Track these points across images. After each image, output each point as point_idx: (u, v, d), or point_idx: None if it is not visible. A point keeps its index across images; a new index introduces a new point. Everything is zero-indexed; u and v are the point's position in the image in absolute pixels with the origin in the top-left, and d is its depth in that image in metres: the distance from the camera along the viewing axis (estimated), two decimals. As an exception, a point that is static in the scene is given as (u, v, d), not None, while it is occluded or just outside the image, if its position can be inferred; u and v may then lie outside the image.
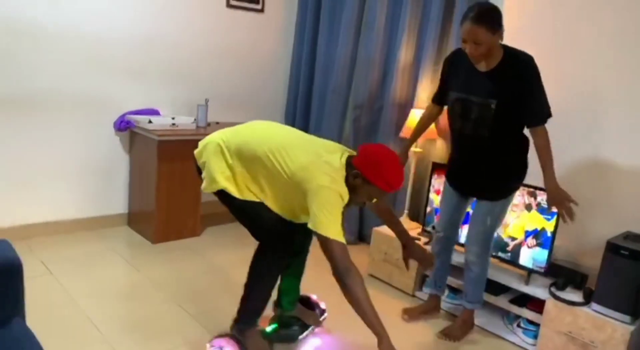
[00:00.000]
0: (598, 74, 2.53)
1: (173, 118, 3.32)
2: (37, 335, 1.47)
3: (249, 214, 1.97)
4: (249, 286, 2.03)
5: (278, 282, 2.13)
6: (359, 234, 3.64)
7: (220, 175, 1.92)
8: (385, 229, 3.06)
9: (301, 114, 3.97)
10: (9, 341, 1.41)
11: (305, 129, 3.94)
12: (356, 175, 1.79)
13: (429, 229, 2.89)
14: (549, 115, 2.09)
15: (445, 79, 2.34)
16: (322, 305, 2.41)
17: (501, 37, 2.05)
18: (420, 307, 2.67)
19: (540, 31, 2.74)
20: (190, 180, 3.26)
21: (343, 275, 1.73)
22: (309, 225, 1.77)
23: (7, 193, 2.98)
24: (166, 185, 3.19)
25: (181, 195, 3.27)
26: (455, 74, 2.25)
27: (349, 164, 1.82)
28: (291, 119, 4.07)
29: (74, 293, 2.50)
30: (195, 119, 3.38)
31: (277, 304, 2.29)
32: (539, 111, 2.08)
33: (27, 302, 1.59)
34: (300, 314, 2.31)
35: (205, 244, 3.33)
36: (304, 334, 2.29)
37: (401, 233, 2.17)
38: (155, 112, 3.42)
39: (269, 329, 2.23)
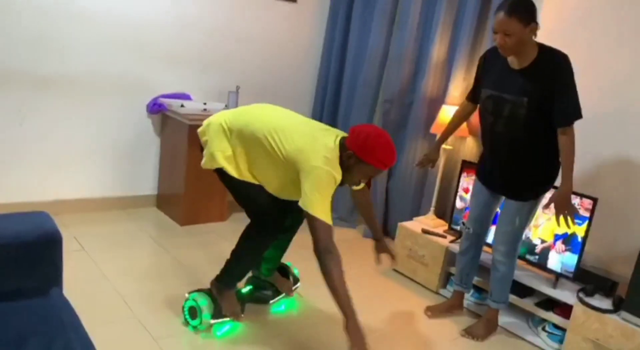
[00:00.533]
0: (634, 77, 2.47)
1: (205, 103, 3.35)
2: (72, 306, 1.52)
3: (244, 194, 2.10)
4: (236, 254, 2.18)
5: None
6: (384, 229, 3.63)
7: (220, 153, 2.04)
8: (411, 224, 3.06)
9: (330, 105, 3.97)
10: (49, 309, 1.46)
11: (333, 120, 3.95)
12: (350, 156, 1.85)
13: (457, 227, 2.87)
14: (578, 116, 2.03)
15: (479, 77, 2.32)
16: (294, 270, 2.56)
17: (534, 32, 2.00)
18: (443, 304, 2.66)
19: (578, 32, 2.68)
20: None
21: (322, 254, 1.82)
22: (299, 203, 1.84)
23: (42, 168, 3.06)
24: (195, 170, 3.22)
25: (209, 180, 3.27)
26: (489, 72, 2.23)
27: (343, 145, 1.88)
28: (319, 110, 4.07)
29: (106, 270, 2.57)
30: (226, 105, 3.41)
31: (256, 267, 2.41)
32: (568, 111, 2.02)
33: (63, 275, 1.64)
34: (275, 280, 2.44)
35: (230, 229, 3.37)
36: (276, 299, 2.48)
37: (377, 229, 2.33)
38: (187, 97, 3.46)
39: (244, 289, 2.39)
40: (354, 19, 3.72)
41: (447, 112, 2.93)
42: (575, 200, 2.37)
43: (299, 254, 2.52)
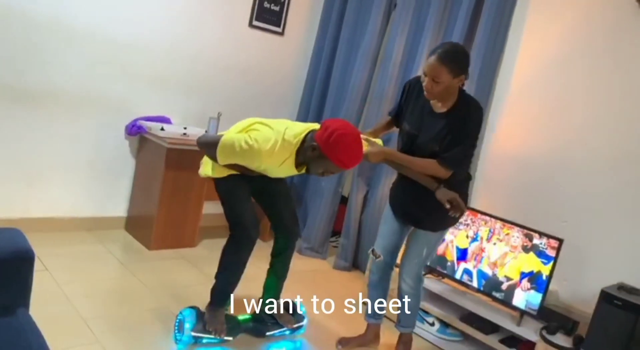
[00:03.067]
0: (588, 135, 2.64)
1: (185, 128, 3.36)
2: (38, 327, 1.47)
3: (227, 204, 2.25)
4: (218, 271, 2.31)
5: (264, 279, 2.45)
6: (354, 261, 3.66)
7: (208, 163, 2.22)
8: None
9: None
10: (14, 330, 1.42)
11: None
12: (314, 148, 1.92)
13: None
14: (457, 169, 2.09)
15: (402, 103, 2.31)
16: (301, 312, 2.54)
17: (462, 82, 2.05)
18: (358, 338, 2.56)
19: (547, 87, 2.85)
20: (194, 190, 3.29)
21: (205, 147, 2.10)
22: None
23: (11, 184, 2.98)
24: (169, 193, 3.21)
25: (183, 204, 3.29)
26: (411, 105, 2.24)
27: (312, 137, 1.95)
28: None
29: (68, 291, 2.49)
30: (206, 131, 3.43)
31: (260, 299, 2.47)
32: (454, 159, 2.07)
33: (28, 296, 1.60)
34: (277, 314, 2.45)
35: (200, 255, 3.33)
36: (273, 332, 2.43)
37: (425, 182, 2.20)
38: (166, 120, 3.46)
39: (241, 317, 2.39)
40: (338, 55, 3.83)
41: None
42: (542, 240, 2.47)
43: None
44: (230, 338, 2.29)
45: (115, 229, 3.43)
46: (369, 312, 2.55)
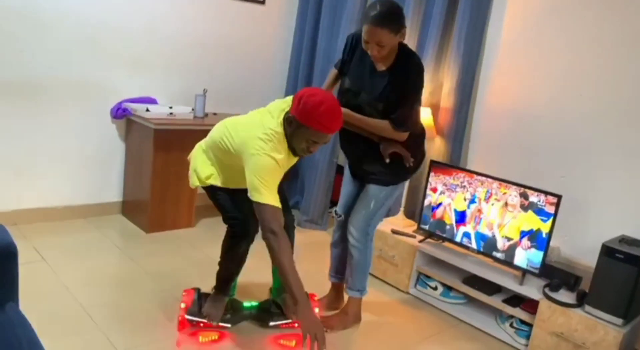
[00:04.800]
0: (582, 79, 2.55)
1: (171, 107, 3.29)
2: (30, 320, 1.45)
3: (223, 207, 2.16)
4: (220, 259, 2.26)
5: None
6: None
7: (195, 171, 2.14)
8: (380, 225, 3.06)
9: (299, 108, 3.95)
10: (3, 325, 1.39)
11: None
12: (291, 121, 1.82)
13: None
14: (404, 129, 2.09)
15: (345, 59, 2.22)
16: (315, 309, 2.28)
17: (403, 37, 1.99)
18: (323, 298, 2.53)
19: (538, 38, 2.75)
20: (186, 170, 3.19)
21: (267, 235, 1.84)
22: (248, 187, 1.84)
23: (1, 177, 2.94)
24: (161, 175, 3.16)
25: (176, 185, 3.24)
26: (355, 61, 2.17)
27: (287, 117, 1.85)
28: (289, 113, 4.05)
29: (67, 280, 2.48)
30: (192, 109, 3.36)
31: (271, 288, 2.40)
32: (398, 120, 2.07)
33: (20, 289, 1.57)
34: (284, 303, 2.31)
35: (198, 235, 3.31)
36: (277, 322, 2.28)
37: (373, 136, 2.16)
38: (152, 101, 3.38)
39: (247, 303, 2.31)
40: (323, 21, 3.71)
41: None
42: (540, 197, 2.42)
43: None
44: (228, 325, 2.20)
45: (111, 214, 3.41)
46: (331, 270, 2.54)
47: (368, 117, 2.11)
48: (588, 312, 2.22)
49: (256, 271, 2.53)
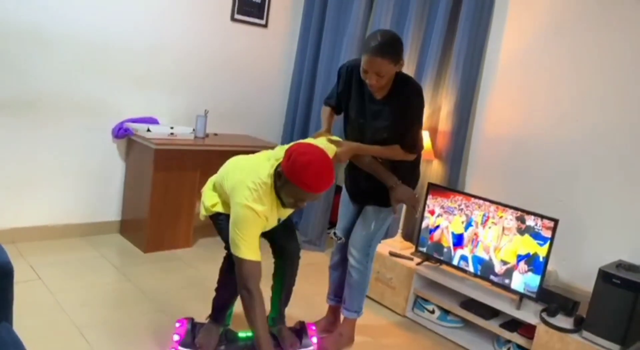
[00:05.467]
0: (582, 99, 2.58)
1: (172, 127, 3.32)
2: (23, 341, 1.45)
3: (219, 228, 2.11)
4: (217, 285, 2.23)
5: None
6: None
7: (207, 202, 2.10)
8: (379, 248, 3.06)
9: (299, 129, 3.99)
10: (-5, 346, 1.39)
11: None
12: (280, 175, 1.80)
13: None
14: (415, 152, 2.19)
15: (342, 91, 2.25)
16: (313, 339, 2.24)
17: (401, 67, 2.03)
18: (320, 321, 2.51)
19: (535, 64, 2.79)
20: (185, 190, 3.26)
21: (242, 295, 1.86)
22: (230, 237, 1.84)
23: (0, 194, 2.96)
24: (161, 195, 3.18)
25: (175, 205, 3.26)
26: (352, 93, 2.20)
27: (278, 171, 1.83)
28: (289, 134, 4.09)
29: (62, 300, 2.47)
30: (194, 130, 3.39)
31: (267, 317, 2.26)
32: (408, 145, 2.14)
33: (15, 307, 1.57)
34: (280, 334, 2.22)
35: (196, 255, 3.31)
36: None
37: (384, 177, 2.18)
38: (154, 121, 3.42)
39: (242, 334, 2.25)
40: (324, 43, 3.77)
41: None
42: (537, 221, 2.42)
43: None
44: None
45: (109, 234, 3.41)
46: (330, 293, 2.53)
47: (372, 141, 2.15)
48: (585, 337, 2.21)
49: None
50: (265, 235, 2.07)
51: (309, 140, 2.07)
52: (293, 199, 1.84)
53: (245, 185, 1.82)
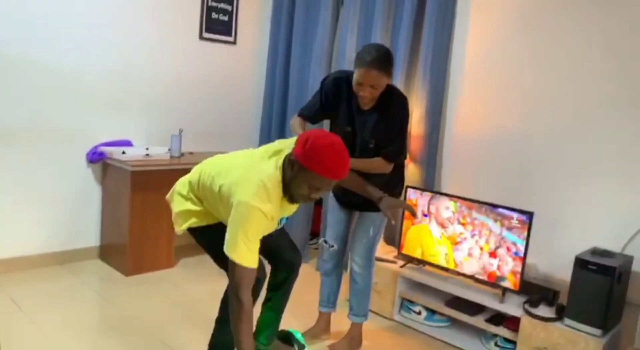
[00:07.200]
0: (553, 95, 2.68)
1: (147, 148, 3.31)
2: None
3: (213, 252, 1.95)
4: (218, 320, 2.02)
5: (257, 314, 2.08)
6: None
7: (177, 208, 1.96)
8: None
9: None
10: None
11: (279, 157, 3.98)
12: (293, 163, 1.66)
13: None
14: (399, 160, 2.25)
15: (327, 103, 2.26)
16: (305, 347, 2.24)
17: (392, 79, 2.11)
18: (310, 329, 2.55)
19: (500, 61, 2.89)
20: (164, 211, 3.18)
21: (231, 298, 1.72)
22: (225, 239, 1.68)
23: (-27, 228, 2.90)
24: (139, 216, 3.15)
25: (155, 226, 3.23)
26: (340, 104, 2.22)
27: (289, 161, 1.69)
28: (265, 148, 4.10)
29: (47, 330, 2.42)
30: (169, 149, 3.38)
31: (255, 337, 2.14)
32: (392, 154, 2.18)
33: (-2, 339, 1.55)
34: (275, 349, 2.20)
35: (180, 275, 3.28)
36: None
37: (369, 191, 2.13)
38: (128, 144, 3.40)
39: None
40: (294, 57, 3.82)
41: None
42: (513, 215, 2.49)
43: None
44: None
45: (89, 260, 3.35)
46: (322, 300, 2.56)
47: (361, 150, 2.20)
48: (568, 325, 2.27)
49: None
50: (267, 249, 1.89)
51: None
52: (307, 190, 1.69)
53: (249, 181, 1.66)
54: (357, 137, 2.22)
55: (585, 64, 2.58)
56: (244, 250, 1.64)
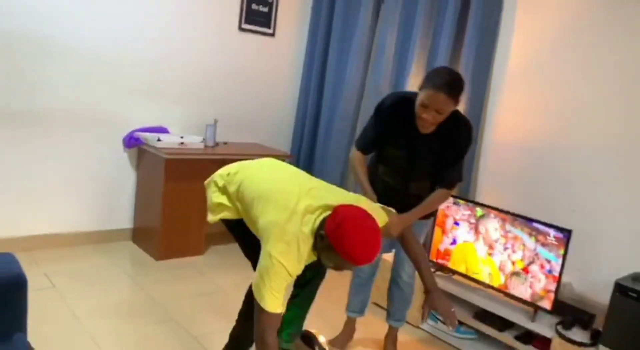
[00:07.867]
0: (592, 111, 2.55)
1: (182, 137, 3.34)
2: (37, 351, 1.46)
3: (244, 248, 2.00)
4: (240, 314, 2.06)
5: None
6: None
7: (216, 207, 1.97)
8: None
9: (308, 137, 3.99)
10: (10, 358, 1.40)
11: (311, 153, 3.97)
12: (322, 237, 1.61)
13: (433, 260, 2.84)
14: (459, 182, 2.22)
15: (382, 132, 2.15)
16: (325, 347, 2.21)
17: (458, 106, 2.00)
18: (340, 337, 2.53)
19: (544, 71, 2.77)
20: (196, 198, 3.26)
21: (257, 341, 1.71)
22: (253, 280, 1.70)
23: (14, 204, 2.99)
24: (172, 203, 3.19)
25: (186, 213, 3.27)
26: (397, 128, 2.11)
27: (320, 233, 1.64)
28: (298, 142, 4.09)
29: (77, 308, 2.48)
30: (203, 139, 3.40)
31: (278, 333, 2.09)
32: (453, 179, 2.13)
33: (29, 316, 1.58)
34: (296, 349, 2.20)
35: (208, 263, 3.31)
36: None
37: (426, 277, 1.99)
38: (164, 131, 3.44)
39: None
40: (331, 53, 3.78)
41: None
42: (551, 231, 2.39)
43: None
44: None
45: (121, 241, 3.43)
46: (354, 306, 2.53)
47: (413, 179, 2.18)
48: (602, 352, 2.17)
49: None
50: None
51: (357, 199, 1.82)
52: (333, 265, 1.68)
53: (285, 235, 1.64)
54: (413, 162, 2.13)
55: (636, 74, 2.43)
56: (269, 299, 1.65)
